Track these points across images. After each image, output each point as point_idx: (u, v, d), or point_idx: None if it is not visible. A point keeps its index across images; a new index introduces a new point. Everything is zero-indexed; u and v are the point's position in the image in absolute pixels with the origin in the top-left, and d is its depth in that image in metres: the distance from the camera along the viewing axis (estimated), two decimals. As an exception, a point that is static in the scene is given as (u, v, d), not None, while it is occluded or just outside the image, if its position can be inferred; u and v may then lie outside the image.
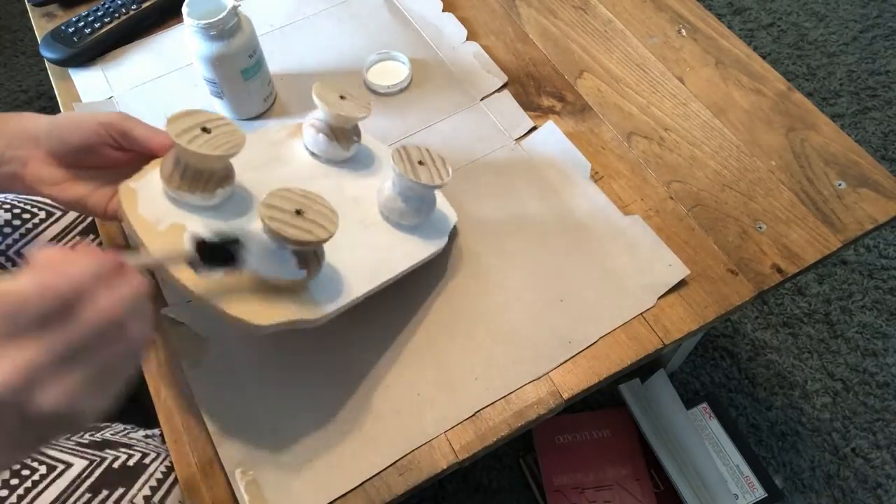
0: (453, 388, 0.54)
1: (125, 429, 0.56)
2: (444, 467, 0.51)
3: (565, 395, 0.54)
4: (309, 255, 0.48)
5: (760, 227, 0.62)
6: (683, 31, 0.76)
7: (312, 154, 0.59)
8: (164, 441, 0.55)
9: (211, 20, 0.59)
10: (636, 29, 0.76)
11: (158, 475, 0.52)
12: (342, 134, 0.58)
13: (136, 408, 0.97)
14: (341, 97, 0.57)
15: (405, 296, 0.59)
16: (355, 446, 0.52)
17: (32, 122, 0.50)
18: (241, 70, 0.64)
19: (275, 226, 0.44)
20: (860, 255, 1.16)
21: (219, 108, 0.69)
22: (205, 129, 0.47)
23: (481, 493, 0.95)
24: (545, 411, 0.54)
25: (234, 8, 0.60)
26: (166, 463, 0.52)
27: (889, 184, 0.65)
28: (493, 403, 0.54)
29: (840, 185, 0.65)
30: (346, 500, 0.50)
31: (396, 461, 0.51)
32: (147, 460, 0.52)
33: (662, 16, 0.78)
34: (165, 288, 0.59)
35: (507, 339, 0.56)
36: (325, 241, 0.46)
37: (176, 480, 0.52)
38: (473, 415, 0.53)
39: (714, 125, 0.69)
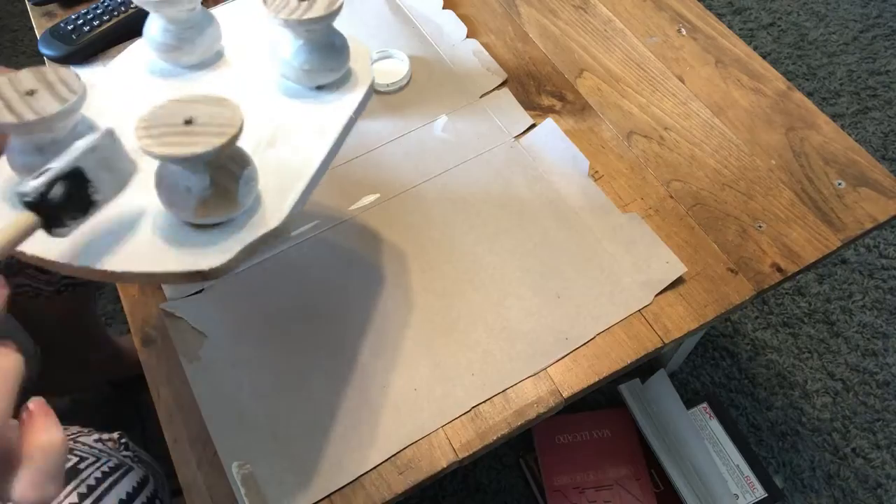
0: (450, 384, 0.54)
1: (78, 431, 0.54)
2: (444, 466, 0.51)
3: (565, 394, 0.54)
4: (227, 174, 0.38)
5: (760, 227, 0.62)
6: (683, 30, 0.76)
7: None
8: (119, 445, 0.53)
9: None
10: (636, 28, 0.76)
11: (91, 481, 0.49)
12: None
13: (131, 404, 0.97)
14: None
15: (402, 291, 0.58)
16: (352, 441, 0.52)
17: None
18: None
19: (163, 150, 0.35)
20: (860, 255, 1.16)
21: None
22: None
23: (481, 493, 0.95)
24: (545, 410, 0.54)
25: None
26: (103, 468, 0.50)
27: (889, 183, 0.64)
28: (490, 399, 0.54)
29: (840, 184, 0.65)
30: (345, 496, 0.50)
31: (394, 457, 0.51)
32: (83, 465, 0.49)
33: (662, 15, 0.78)
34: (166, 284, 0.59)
35: (503, 336, 0.56)
36: (233, 138, 0.36)
37: (113, 485, 0.49)
38: (471, 410, 0.53)
39: (714, 124, 0.69)
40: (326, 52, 0.48)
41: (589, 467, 0.92)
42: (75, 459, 0.50)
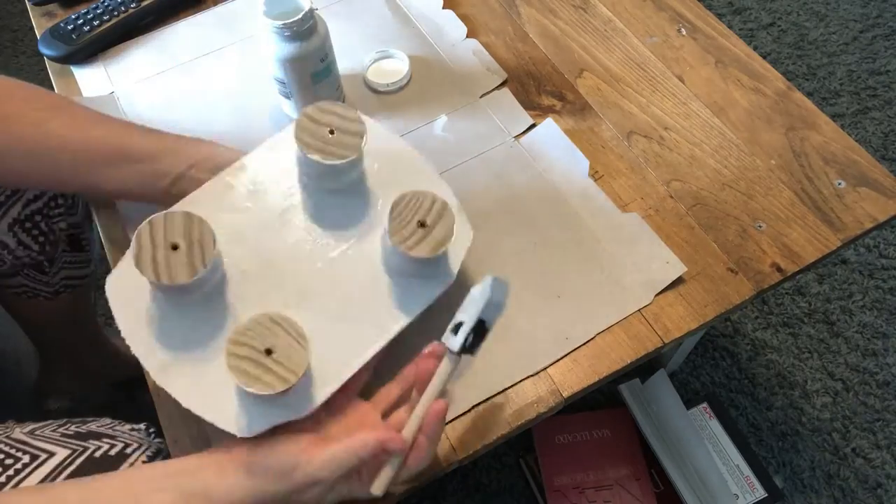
0: (450, 384, 0.54)
1: (111, 422, 0.55)
2: (444, 466, 0.51)
3: (565, 394, 0.54)
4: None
5: (760, 226, 0.62)
6: (683, 30, 0.76)
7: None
8: (149, 434, 0.55)
9: (288, 21, 0.58)
10: (636, 28, 0.76)
11: (139, 465, 0.51)
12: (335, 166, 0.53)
13: (131, 404, 0.97)
14: (330, 132, 0.51)
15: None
16: (354, 445, 0.52)
17: (220, 153, 0.55)
18: (312, 73, 0.62)
19: (256, 386, 0.42)
20: (860, 255, 1.16)
21: (286, 108, 0.68)
22: None
23: (481, 493, 0.95)
24: (545, 410, 0.54)
25: (311, 11, 0.59)
26: (148, 453, 0.52)
27: (889, 183, 0.64)
28: (491, 399, 0.54)
29: (840, 184, 0.65)
30: (345, 498, 0.50)
31: (395, 459, 0.51)
32: (129, 450, 0.51)
33: (662, 15, 0.78)
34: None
35: (503, 336, 0.56)
36: (292, 386, 0.43)
37: None
38: (471, 410, 0.53)
39: (714, 124, 0.69)
40: (423, 263, 0.50)
41: (589, 467, 0.92)
42: (121, 445, 0.51)
